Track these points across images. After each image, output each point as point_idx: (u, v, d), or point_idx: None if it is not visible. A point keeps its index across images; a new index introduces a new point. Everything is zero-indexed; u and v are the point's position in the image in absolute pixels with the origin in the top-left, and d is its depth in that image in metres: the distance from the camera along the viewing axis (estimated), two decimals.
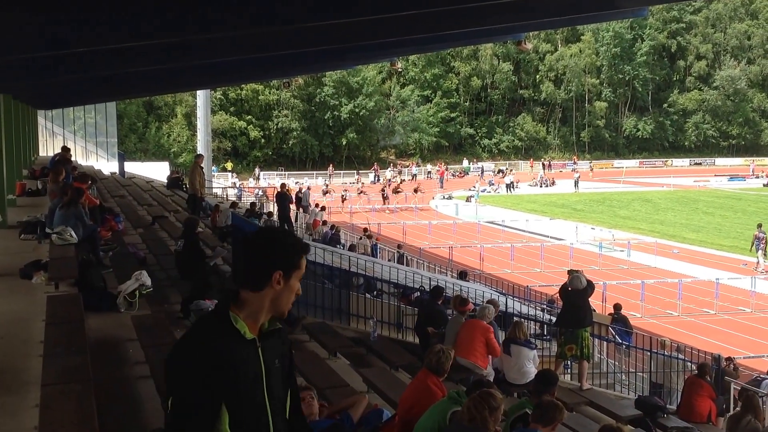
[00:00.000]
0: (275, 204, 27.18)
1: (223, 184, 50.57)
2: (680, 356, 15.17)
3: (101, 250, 12.77)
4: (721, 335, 21.53)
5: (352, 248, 25.14)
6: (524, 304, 19.38)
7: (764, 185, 67.14)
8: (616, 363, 16.24)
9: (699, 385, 12.24)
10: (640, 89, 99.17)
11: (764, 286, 26.12)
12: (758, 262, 31.76)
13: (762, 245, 32.02)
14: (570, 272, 12.79)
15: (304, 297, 13.73)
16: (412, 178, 73.24)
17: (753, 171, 79.06)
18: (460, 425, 6.21)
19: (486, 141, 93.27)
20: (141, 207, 21.90)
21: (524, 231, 41.44)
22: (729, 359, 15.48)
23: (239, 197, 40.03)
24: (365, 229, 31.70)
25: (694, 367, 13.66)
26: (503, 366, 11.59)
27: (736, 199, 58.08)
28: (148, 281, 10.65)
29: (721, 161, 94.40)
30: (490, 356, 11.28)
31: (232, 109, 78.74)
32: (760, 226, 32.85)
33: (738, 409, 10.41)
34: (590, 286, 12.71)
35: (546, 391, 7.17)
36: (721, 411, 12.44)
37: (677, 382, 14.22)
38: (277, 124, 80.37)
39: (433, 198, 59.64)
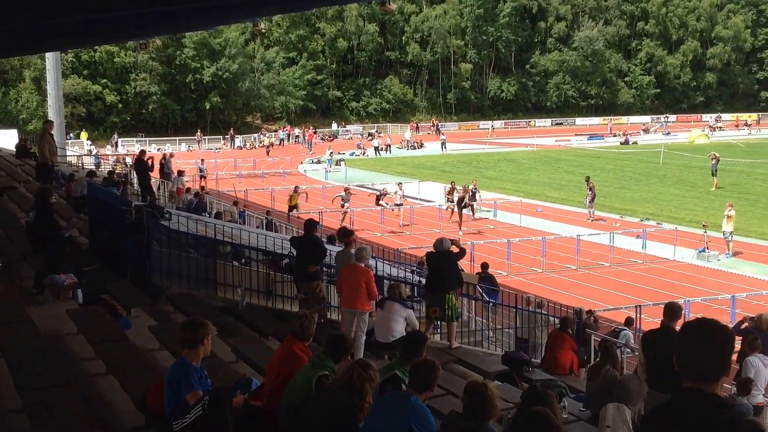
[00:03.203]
0: (134, 172, 26.18)
1: (78, 152, 48.29)
2: (543, 312, 15.61)
3: None
4: (583, 289, 22.33)
5: (218, 216, 24.51)
6: (395, 267, 19.43)
7: (621, 143, 70.11)
8: (484, 321, 16.53)
9: (561, 339, 12.60)
10: (504, 51, 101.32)
11: (622, 241, 27.22)
12: (589, 213, 33.96)
13: (591, 197, 34.05)
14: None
15: (167, 267, 13.27)
16: (280, 143, 72.41)
17: (611, 130, 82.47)
18: (334, 393, 6.04)
19: (354, 104, 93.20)
20: None
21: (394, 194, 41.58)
22: (589, 312, 16.01)
23: (97, 165, 38.31)
24: (233, 198, 31.04)
25: (557, 322, 14.05)
26: (375, 323, 11.58)
27: (596, 157, 60.43)
28: None
29: (581, 121, 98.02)
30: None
31: (85, 72, 74.64)
32: (588, 179, 34.88)
33: (598, 359, 10.76)
34: (461, 252, 12.82)
35: (415, 353, 7.07)
36: (582, 362, 12.86)
37: (542, 337, 14.64)
38: (135, 88, 76.86)
39: (302, 162, 59.12)
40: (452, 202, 33.77)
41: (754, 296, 19.94)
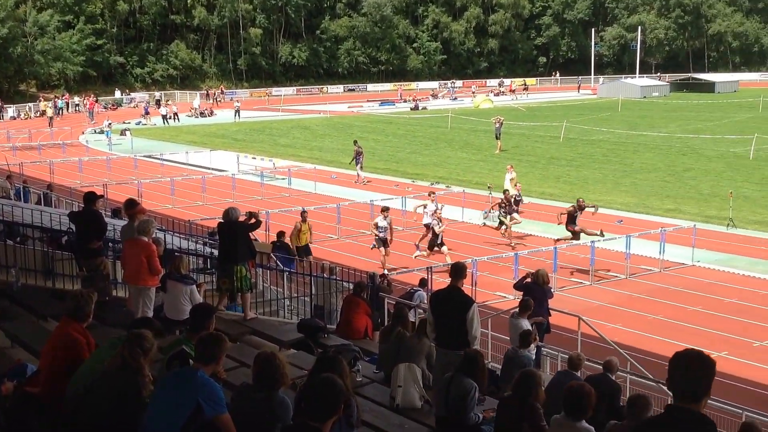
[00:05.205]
0: None
1: None
2: (338, 278, 15.73)
3: None
4: (378, 254, 22.70)
5: None
6: (185, 239, 18.85)
7: (411, 109, 72.01)
8: (280, 289, 16.41)
9: (356, 303, 12.74)
10: (294, 15, 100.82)
11: (415, 205, 27.97)
12: (358, 175, 35.21)
13: (360, 159, 35.14)
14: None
15: None
16: (58, 112, 67.98)
17: (401, 95, 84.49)
18: (111, 373, 5.76)
19: (138, 70, 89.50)
20: None
21: (184, 164, 40.50)
22: (383, 276, 16.32)
23: None
24: (6, 171, 28.80)
25: (351, 287, 14.19)
26: (163, 300, 11.17)
27: (388, 123, 61.75)
28: None
29: (373, 87, 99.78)
30: None
31: None
32: (356, 142, 36.23)
33: (389, 322, 10.97)
34: (256, 223, 12.56)
35: (201, 326, 6.84)
36: (377, 325, 13.07)
37: (337, 303, 14.75)
38: None
39: (83, 133, 56.00)
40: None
41: (535, 253, 21.15)
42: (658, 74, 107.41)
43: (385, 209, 21.87)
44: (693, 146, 44.04)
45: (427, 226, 22.45)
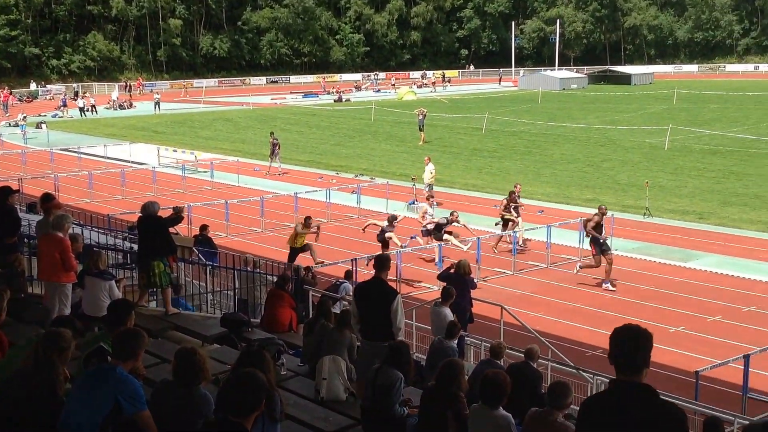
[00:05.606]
0: None
1: None
2: (261, 271, 15.60)
3: None
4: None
5: None
6: (104, 234, 18.42)
7: (335, 101, 71.81)
8: (203, 284, 16.19)
9: (280, 296, 12.65)
10: (214, 6, 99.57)
11: (338, 197, 27.92)
12: (270, 166, 35.33)
13: (277, 151, 35.05)
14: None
15: None
16: None
17: (324, 87, 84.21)
18: (25, 372, 5.59)
19: (55, 61, 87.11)
20: None
21: (103, 157, 39.56)
22: (307, 268, 16.25)
23: None
24: None
25: (275, 280, 14.08)
26: (82, 296, 10.90)
27: (311, 115, 61.49)
28: None
29: (296, 78, 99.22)
30: None
31: None
32: (272, 133, 36.19)
33: (313, 314, 10.94)
34: (177, 218, 12.35)
35: (119, 322, 6.69)
36: (301, 318, 13.00)
37: (261, 296, 14.62)
38: None
39: None
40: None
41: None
42: (577, 67, 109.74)
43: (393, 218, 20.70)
44: (610, 137, 45.11)
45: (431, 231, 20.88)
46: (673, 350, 14.55)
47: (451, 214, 20.76)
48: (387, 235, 19.77)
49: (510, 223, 22.08)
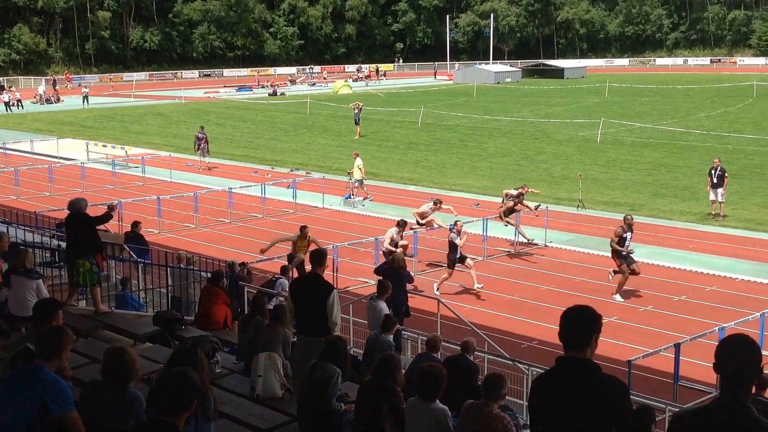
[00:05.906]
0: None
1: None
2: (195, 268, 15.36)
3: None
4: (237, 242, 22.36)
5: None
6: (31, 232, 17.92)
7: (270, 95, 71.21)
8: (135, 282, 15.86)
9: (214, 293, 12.48)
10: None
11: (274, 192, 27.59)
12: (200, 161, 34.86)
13: (203, 145, 34.61)
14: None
15: None
16: None
17: (259, 81, 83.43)
18: None
19: None
20: None
21: (29, 153, 38.48)
22: (243, 265, 16.04)
23: None
24: None
25: (209, 276, 13.86)
26: (8, 296, 10.54)
27: (246, 109, 60.88)
28: None
29: (229, 72, 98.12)
30: None
31: None
32: (202, 128, 35.80)
33: (248, 311, 10.81)
34: (105, 216, 12.05)
35: (44, 321, 6.49)
36: (236, 315, 12.84)
37: (195, 294, 14.39)
38: None
39: None
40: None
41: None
42: (511, 61, 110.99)
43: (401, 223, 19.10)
44: (544, 130, 45.74)
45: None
46: (606, 340, 14.76)
47: (455, 223, 18.54)
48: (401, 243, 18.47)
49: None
